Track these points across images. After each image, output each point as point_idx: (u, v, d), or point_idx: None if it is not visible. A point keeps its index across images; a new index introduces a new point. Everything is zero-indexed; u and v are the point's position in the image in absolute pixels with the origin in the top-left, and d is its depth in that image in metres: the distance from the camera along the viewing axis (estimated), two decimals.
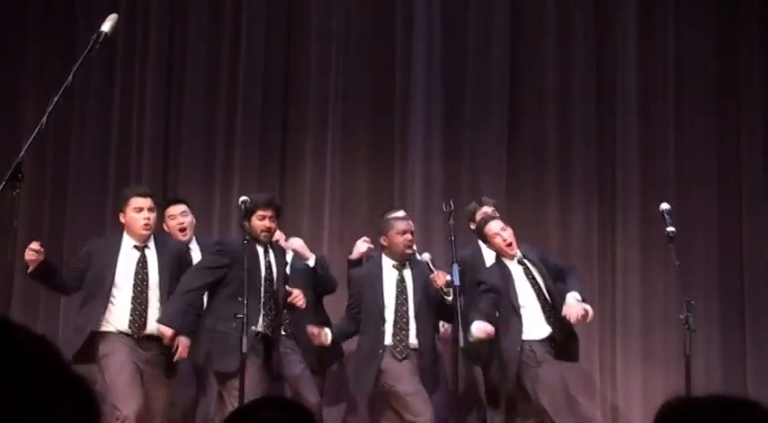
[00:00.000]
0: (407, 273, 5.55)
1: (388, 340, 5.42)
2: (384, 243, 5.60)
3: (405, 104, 7.31)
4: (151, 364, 5.10)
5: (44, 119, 3.25)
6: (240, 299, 4.91)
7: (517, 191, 7.17)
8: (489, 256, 5.82)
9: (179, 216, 5.86)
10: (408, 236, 5.51)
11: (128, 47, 7.36)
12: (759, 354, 7.08)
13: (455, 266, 5.09)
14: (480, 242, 5.86)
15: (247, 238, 5.11)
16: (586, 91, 7.35)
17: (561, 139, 7.31)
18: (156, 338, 5.08)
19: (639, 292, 6.99)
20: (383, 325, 5.43)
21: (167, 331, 5.01)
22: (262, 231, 5.22)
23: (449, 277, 5.24)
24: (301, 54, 7.43)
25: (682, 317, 5.15)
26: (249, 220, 5.21)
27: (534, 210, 7.16)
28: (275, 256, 5.34)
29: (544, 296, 5.53)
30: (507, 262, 5.62)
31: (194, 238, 5.89)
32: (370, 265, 5.73)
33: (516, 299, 5.48)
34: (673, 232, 5.35)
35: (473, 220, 5.95)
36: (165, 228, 5.83)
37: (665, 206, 5.47)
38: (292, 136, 7.37)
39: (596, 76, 7.38)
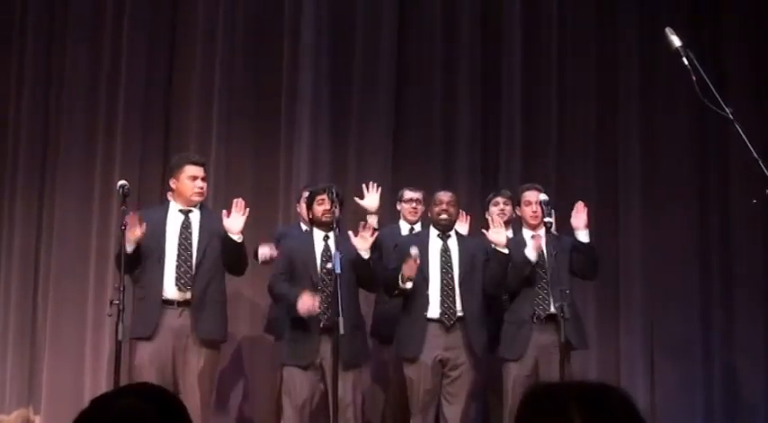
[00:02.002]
0: (452, 243, 5.68)
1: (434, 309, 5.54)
2: (428, 214, 5.94)
3: (292, 89, 7.27)
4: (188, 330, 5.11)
5: None
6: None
7: (403, 179, 7.19)
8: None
9: None
10: (443, 206, 5.70)
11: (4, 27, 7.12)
12: (630, 344, 7.30)
13: (336, 253, 5.11)
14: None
15: None
16: (472, 82, 7.47)
17: (447, 126, 7.43)
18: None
19: None
20: (427, 290, 5.54)
21: None
22: (323, 214, 5.46)
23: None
24: (186, 31, 7.30)
25: (556, 305, 5.26)
26: (312, 210, 5.53)
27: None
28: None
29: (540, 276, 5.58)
30: (525, 235, 5.72)
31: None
32: (419, 234, 5.94)
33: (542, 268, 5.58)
34: (550, 223, 5.44)
35: (488, 209, 6.17)
36: None
37: (542, 197, 5.55)
38: (176, 120, 7.25)
39: (481, 69, 7.51)
